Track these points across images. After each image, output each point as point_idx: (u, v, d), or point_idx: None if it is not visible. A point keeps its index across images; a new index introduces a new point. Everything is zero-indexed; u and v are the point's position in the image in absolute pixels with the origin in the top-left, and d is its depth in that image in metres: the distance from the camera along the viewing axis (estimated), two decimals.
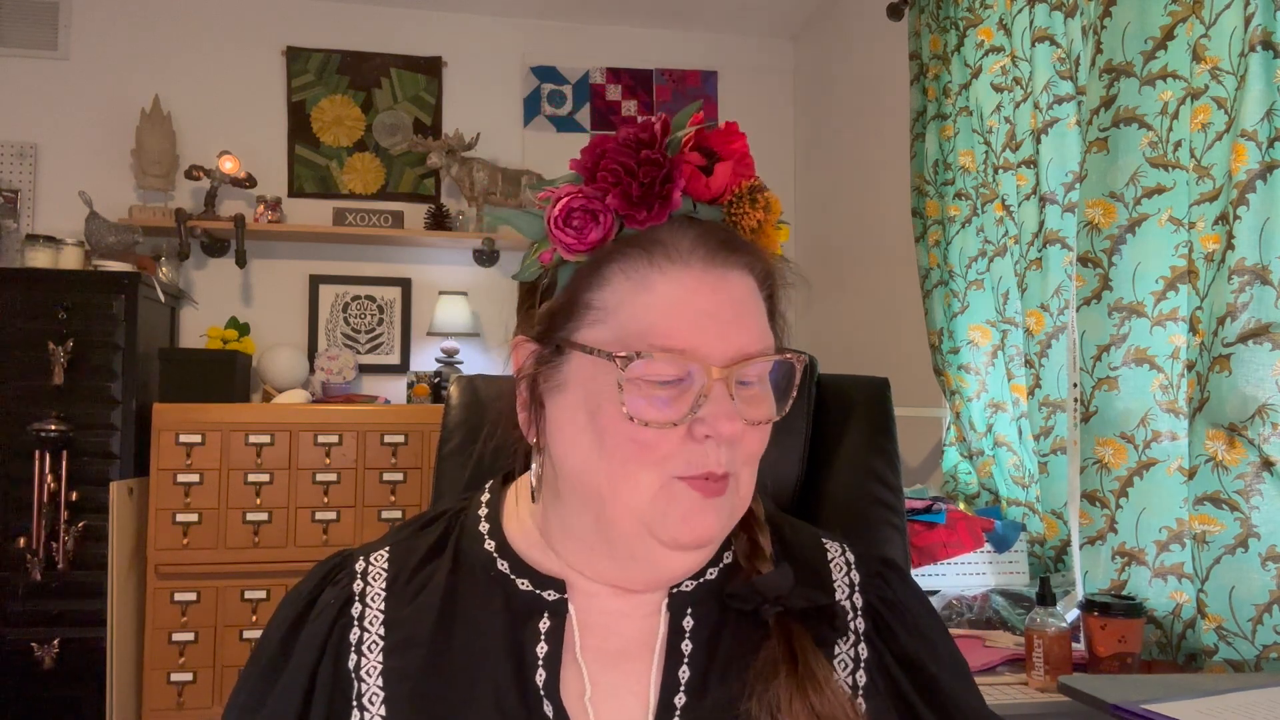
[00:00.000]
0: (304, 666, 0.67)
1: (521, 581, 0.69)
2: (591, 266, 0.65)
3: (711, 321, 0.63)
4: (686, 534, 0.63)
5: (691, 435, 0.63)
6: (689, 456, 0.63)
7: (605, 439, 0.63)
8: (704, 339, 0.62)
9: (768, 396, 0.67)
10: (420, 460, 3.05)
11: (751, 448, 0.66)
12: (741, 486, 0.66)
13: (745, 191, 0.67)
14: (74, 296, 2.85)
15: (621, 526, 0.64)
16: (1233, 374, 1.34)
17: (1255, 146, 1.32)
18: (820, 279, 3.54)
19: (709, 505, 0.64)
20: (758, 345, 0.64)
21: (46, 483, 2.74)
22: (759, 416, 0.65)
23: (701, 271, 0.64)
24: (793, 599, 0.67)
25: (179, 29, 3.47)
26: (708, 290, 0.63)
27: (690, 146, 0.66)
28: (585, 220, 0.65)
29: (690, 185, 0.66)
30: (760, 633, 0.67)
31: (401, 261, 3.63)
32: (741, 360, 0.63)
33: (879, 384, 1.04)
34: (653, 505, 0.63)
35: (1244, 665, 1.35)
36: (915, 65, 2.47)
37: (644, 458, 0.62)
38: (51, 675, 2.74)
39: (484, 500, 0.75)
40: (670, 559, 0.65)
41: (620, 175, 0.64)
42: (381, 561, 0.72)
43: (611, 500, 0.64)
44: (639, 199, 0.64)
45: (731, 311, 0.64)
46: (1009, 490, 2.12)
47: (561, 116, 3.75)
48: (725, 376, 0.62)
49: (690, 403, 0.62)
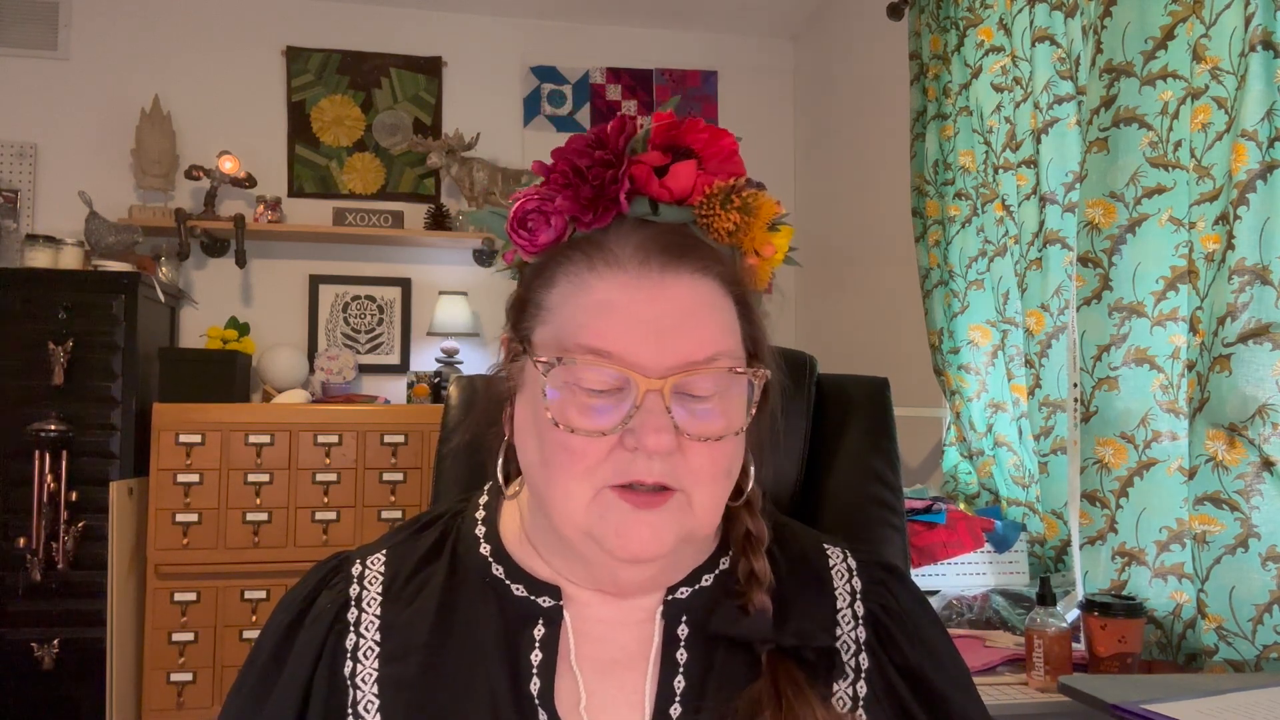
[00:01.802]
0: (300, 674, 0.66)
1: (517, 587, 0.68)
2: (541, 267, 0.65)
3: (646, 329, 0.61)
4: (622, 549, 0.61)
5: (623, 445, 0.61)
6: (617, 464, 0.61)
7: (543, 443, 0.63)
8: (637, 346, 0.60)
9: (728, 411, 0.63)
10: (420, 460, 3.05)
11: (698, 465, 0.62)
12: (696, 506, 0.62)
13: (717, 192, 0.64)
14: (74, 296, 2.85)
15: (567, 533, 0.63)
16: (1233, 374, 1.34)
17: (1255, 146, 1.32)
18: (820, 279, 3.54)
19: (643, 519, 0.61)
20: (705, 352, 0.61)
21: (46, 483, 2.74)
22: (706, 432, 0.61)
23: (638, 276, 0.62)
24: (784, 638, 0.64)
25: (179, 29, 3.47)
26: (644, 297, 0.61)
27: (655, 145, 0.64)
28: (539, 222, 0.65)
29: (645, 187, 0.63)
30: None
31: (401, 261, 3.63)
32: (682, 370, 0.60)
33: (879, 384, 1.04)
34: (588, 515, 0.61)
35: (1244, 665, 1.35)
36: (915, 65, 2.47)
37: (573, 466, 0.61)
38: (51, 675, 2.74)
39: (481, 503, 0.74)
40: (622, 569, 0.64)
41: (570, 177, 0.64)
42: (378, 565, 0.71)
43: (550, 506, 0.63)
44: (588, 202, 0.63)
45: (673, 319, 0.61)
46: (1009, 490, 2.12)
47: (561, 116, 3.75)
48: (660, 387, 0.60)
49: (624, 413, 0.60)
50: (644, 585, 0.67)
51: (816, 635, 0.65)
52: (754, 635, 0.64)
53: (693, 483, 0.62)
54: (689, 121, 0.65)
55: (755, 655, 0.65)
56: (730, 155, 0.66)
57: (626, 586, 0.67)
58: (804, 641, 0.64)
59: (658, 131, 0.65)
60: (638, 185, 0.64)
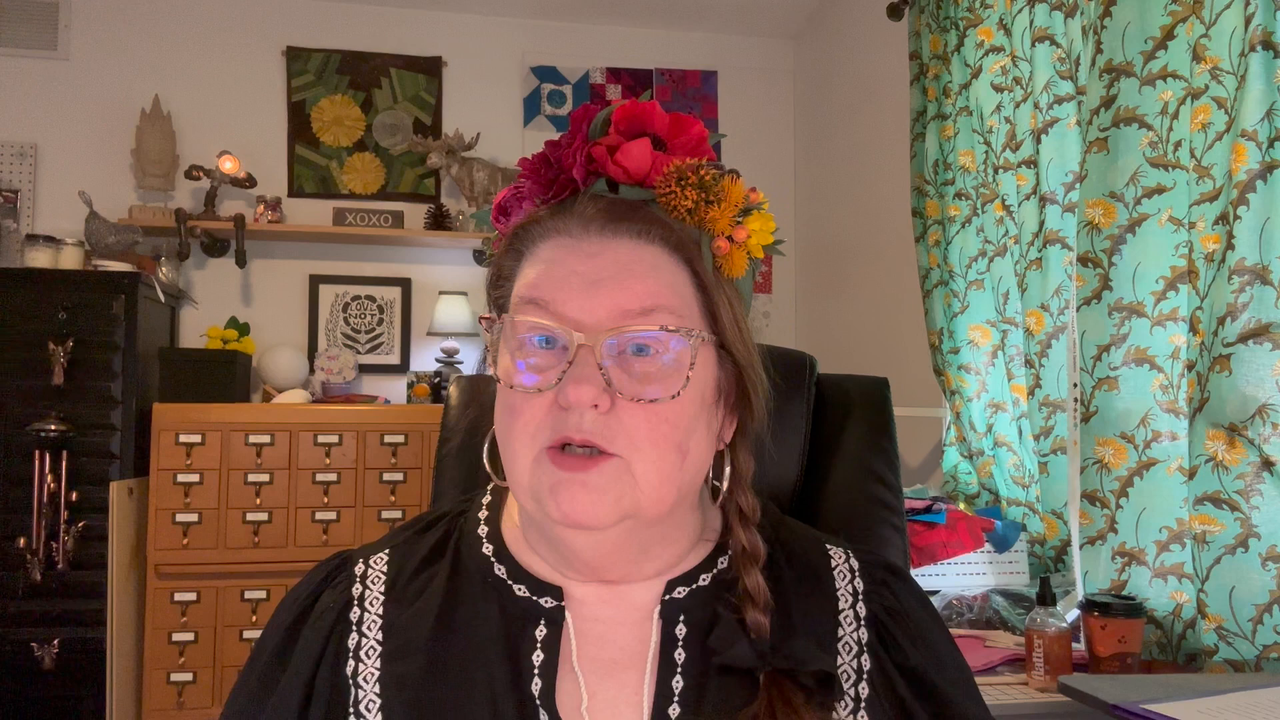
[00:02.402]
0: (302, 672, 0.66)
1: (519, 588, 0.68)
2: (508, 243, 0.69)
3: (580, 281, 0.63)
4: (559, 512, 0.61)
5: (558, 404, 0.62)
6: (554, 423, 0.61)
7: (500, 410, 0.65)
8: (569, 296, 0.62)
9: (670, 377, 0.63)
10: (420, 460, 3.05)
11: (632, 426, 0.61)
12: (639, 475, 0.61)
13: (672, 172, 0.65)
14: (74, 296, 2.85)
15: (522, 499, 0.65)
16: (1233, 374, 1.34)
17: (1255, 146, 1.32)
18: (820, 279, 3.54)
19: (577, 483, 0.60)
20: (640, 304, 0.62)
21: (46, 483, 2.74)
22: (640, 393, 0.61)
23: (580, 237, 0.64)
24: (778, 660, 0.64)
25: (179, 29, 3.47)
26: (583, 254, 0.64)
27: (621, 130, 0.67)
28: (514, 207, 0.70)
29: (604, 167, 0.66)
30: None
31: (401, 261, 3.63)
32: (618, 322, 0.61)
33: (879, 384, 1.04)
34: (532, 478, 0.62)
35: (1244, 665, 1.35)
36: (915, 65, 2.47)
37: (517, 426, 0.63)
38: (51, 675, 2.74)
39: (485, 503, 0.75)
40: (569, 536, 0.64)
41: (539, 163, 0.69)
42: (381, 564, 0.71)
43: (508, 474, 0.65)
44: (549, 182, 0.68)
45: (608, 273, 0.63)
46: (1009, 490, 2.12)
47: (561, 116, 3.75)
48: (591, 343, 0.61)
49: (560, 370, 0.61)
50: (615, 565, 0.66)
51: (814, 658, 0.64)
52: (749, 663, 0.64)
53: (629, 447, 0.61)
54: (649, 105, 0.67)
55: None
56: (699, 142, 0.67)
57: (591, 562, 0.66)
58: (801, 665, 0.63)
59: (619, 115, 0.67)
60: (595, 165, 0.66)
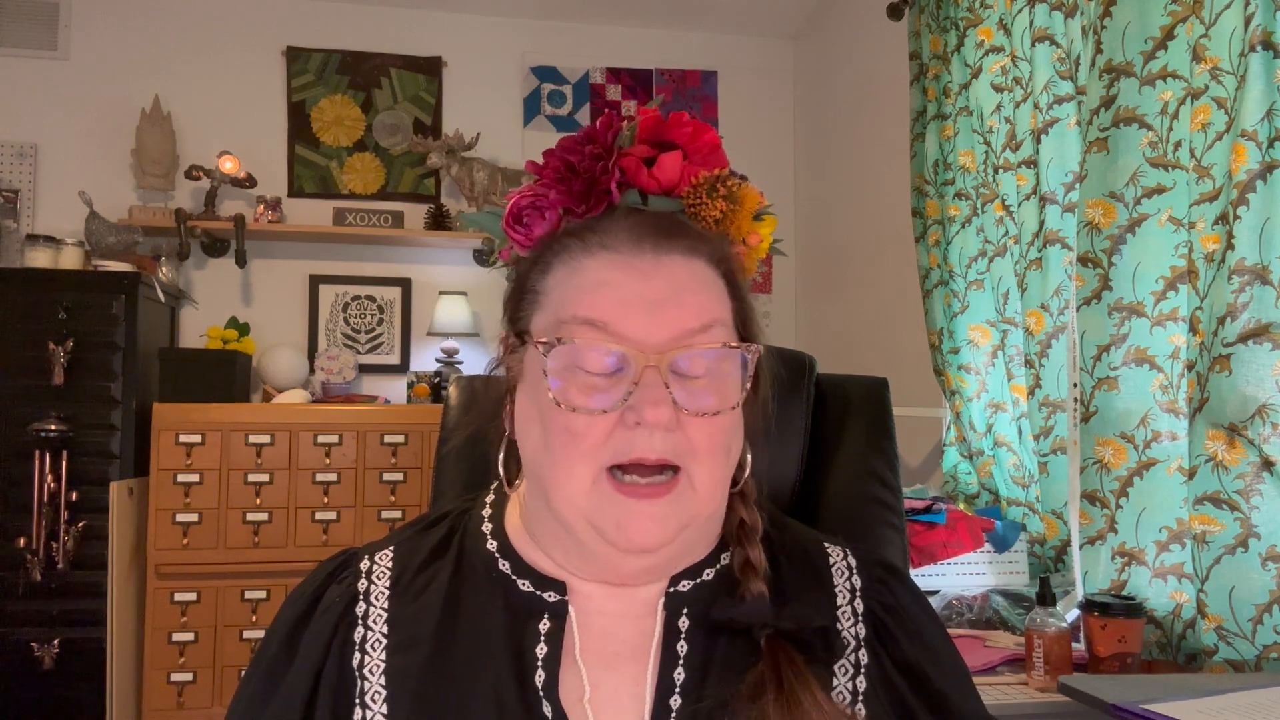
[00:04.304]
0: (309, 664, 0.67)
1: (523, 582, 0.69)
2: (536, 257, 0.67)
3: (640, 301, 0.62)
4: (622, 541, 0.62)
5: (624, 423, 0.62)
6: (619, 444, 0.62)
7: (547, 429, 0.64)
8: (632, 318, 0.62)
9: (721, 389, 0.65)
10: (420, 460, 3.05)
11: (696, 440, 0.63)
12: (698, 483, 0.64)
13: (703, 182, 0.66)
14: (74, 296, 2.85)
15: (567, 519, 0.64)
16: (1233, 374, 1.34)
17: (1255, 146, 1.32)
18: (820, 279, 3.54)
19: (643, 511, 0.62)
20: (700, 320, 0.63)
21: (46, 483, 2.74)
22: (704, 407, 0.63)
23: (632, 256, 0.64)
24: (783, 620, 0.65)
25: (179, 29, 3.47)
26: (639, 274, 0.63)
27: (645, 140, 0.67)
28: (533, 217, 0.67)
29: (635, 178, 0.66)
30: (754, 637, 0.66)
31: (401, 261, 3.63)
32: (679, 343, 0.62)
33: (878, 384, 1.04)
34: (589, 500, 0.63)
35: (1244, 665, 1.35)
36: (915, 65, 2.47)
37: (576, 446, 0.62)
38: (51, 675, 2.74)
39: (488, 501, 0.76)
40: (623, 560, 0.65)
41: (563, 172, 0.66)
42: (386, 560, 0.72)
43: (554, 492, 0.64)
44: (579, 194, 0.66)
45: (666, 293, 0.63)
46: (1009, 490, 2.12)
47: (561, 116, 3.75)
48: (657, 363, 0.61)
49: (624, 390, 0.62)
50: (649, 574, 0.68)
51: (813, 618, 0.67)
52: (752, 619, 0.65)
53: (693, 459, 0.63)
54: (673, 116, 0.68)
55: (755, 644, 0.65)
56: (714, 149, 0.68)
57: (629, 576, 0.68)
58: (801, 624, 0.65)
59: (644, 126, 0.67)
60: (627, 177, 0.66)
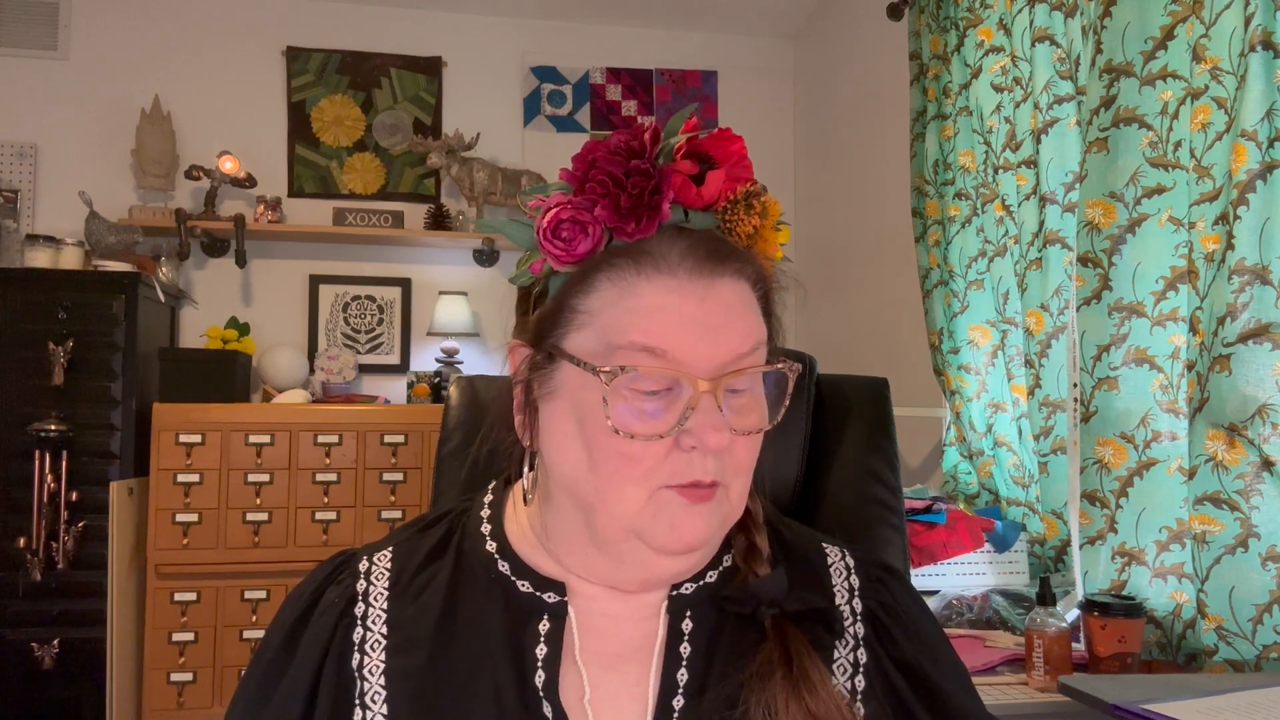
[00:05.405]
0: (308, 665, 0.67)
1: (522, 583, 0.69)
2: (580, 275, 0.65)
3: (698, 327, 0.62)
4: (674, 541, 0.63)
5: (678, 445, 0.62)
6: (674, 467, 0.63)
7: (593, 450, 0.63)
8: (689, 345, 0.62)
9: (758, 405, 0.66)
10: (420, 460, 3.05)
11: (741, 458, 0.65)
12: (733, 495, 0.66)
13: (740, 197, 0.66)
14: (74, 296, 2.85)
15: (609, 533, 0.64)
16: (1233, 374, 1.34)
17: (1255, 146, 1.32)
18: (820, 279, 3.54)
19: (696, 511, 0.63)
20: (747, 344, 0.64)
21: (46, 483, 2.74)
22: (749, 426, 0.65)
23: (688, 280, 0.63)
24: (788, 602, 0.66)
25: (179, 29, 3.47)
26: (695, 299, 0.63)
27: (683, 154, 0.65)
28: (574, 231, 0.64)
29: (681, 195, 0.65)
30: (757, 635, 0.67)
31: (401, 261, 3.63)
32: (731, 368, 0.63)
33: (878, 384, 1.04)
34: (640, 515, 0.63)
35: (1244, 665, 1.35)
36: (915, 65, 2.47)
37: (630, 471, 0.62)
38: (51, 675, 2.74)
39: (487, 502, 0.75)
40: (660, 563, 0.66)
41: (609, 187, 0.63)
42: (384, 561, 0.72)
43: (600, 510, 0.64)
44: (628, 211, 0.63)
45: (720, 318, 0.63)
46: (1009, 490, 2.12)
47: (561, 116, 3.75)
48: (713, 388, 0.62)
49: (678, 414, 0.62)
50: (679, 576, 0.69)
51: (815, 599, 0.68)
52: (770, 593, 0.67)
53: (733, 475, 0.65)
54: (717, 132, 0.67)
55: (759, 642, 0.66)
56: (740, 159, 0.67)
57: (662, 580, 0.68)
58: (805, 605, 0.67)
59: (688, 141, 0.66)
60: (677, 195, 0.65)
